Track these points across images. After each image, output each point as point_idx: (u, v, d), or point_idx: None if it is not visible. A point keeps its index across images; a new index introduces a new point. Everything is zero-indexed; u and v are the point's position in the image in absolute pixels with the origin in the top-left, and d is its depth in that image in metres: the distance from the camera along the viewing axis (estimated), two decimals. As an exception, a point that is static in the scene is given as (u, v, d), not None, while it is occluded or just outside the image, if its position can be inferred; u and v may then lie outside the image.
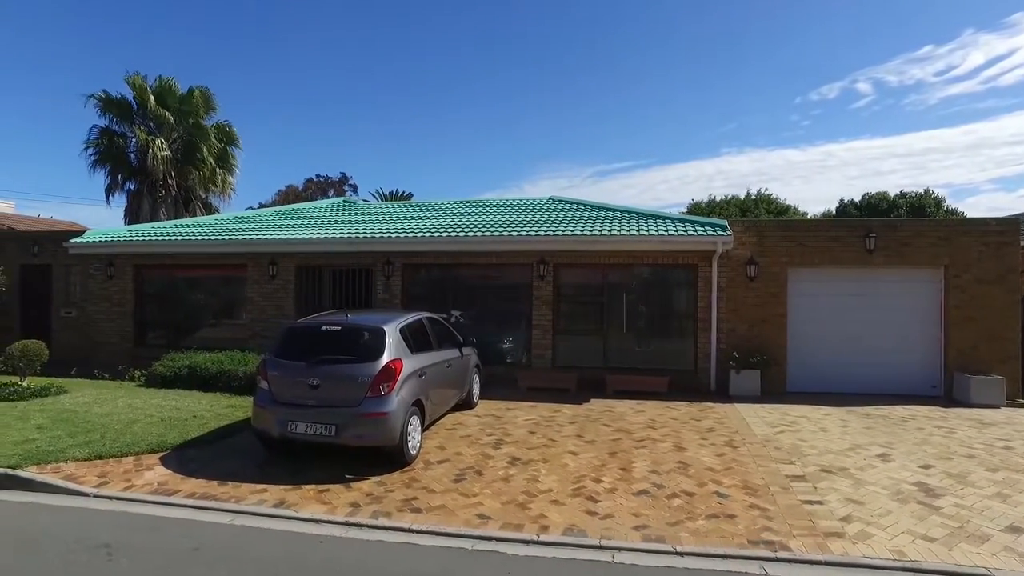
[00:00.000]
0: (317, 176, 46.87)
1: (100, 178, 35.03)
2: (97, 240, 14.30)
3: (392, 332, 7.40)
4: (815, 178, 77.56)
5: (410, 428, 7.20)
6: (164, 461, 7.29)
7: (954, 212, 36.42)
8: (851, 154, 78.14)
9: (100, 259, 14.72)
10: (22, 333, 15.39)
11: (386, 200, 40.48)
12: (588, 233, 11.88)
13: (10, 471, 6.76)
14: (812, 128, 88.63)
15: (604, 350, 12.45)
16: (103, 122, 22.30)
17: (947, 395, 11.33)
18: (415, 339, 7.91)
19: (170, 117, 22.25)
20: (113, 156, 22.18)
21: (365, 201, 18.13)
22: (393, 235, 12.59)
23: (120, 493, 6.37)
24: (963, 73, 79.60)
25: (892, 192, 38.86)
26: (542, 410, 10.25)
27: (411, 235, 12.53)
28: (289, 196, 43.88)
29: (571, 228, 12.34)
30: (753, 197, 41.17)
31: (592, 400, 11.10)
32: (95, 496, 6.35)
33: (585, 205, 14.99)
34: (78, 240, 14.43)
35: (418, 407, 7.48)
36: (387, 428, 6.85)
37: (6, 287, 14.97)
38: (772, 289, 11.93)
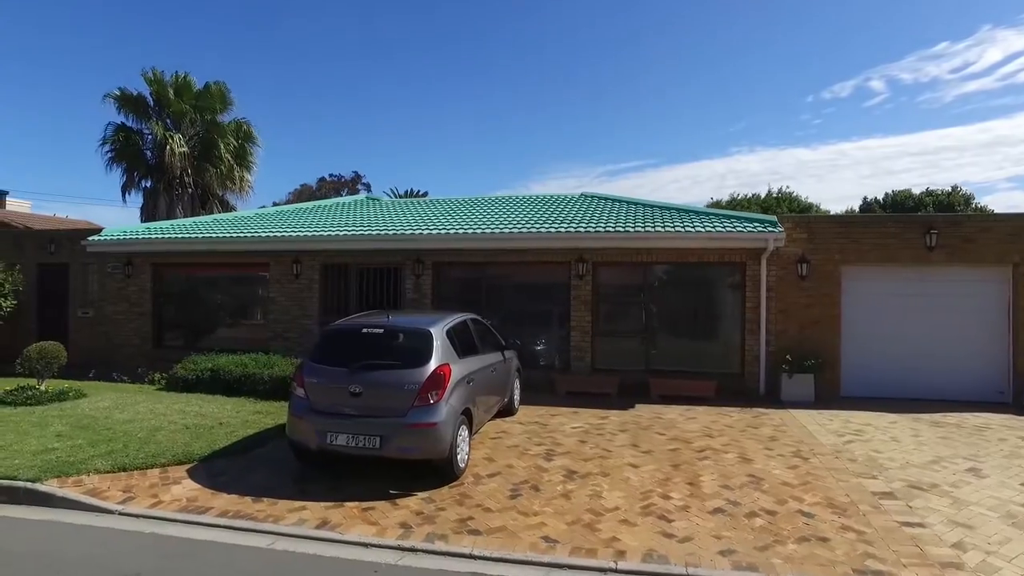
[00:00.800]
0: (330, 176, 46.49)
1: (115, 178, 34.83)
2: (115, 238, 13.84)
3: (439, 335, 6.82)
4: (827, 177, 76.52)
5: (459, 439, 6.63)
6: (192, 474, 6.75)
7: (982, 209, 35.48)
8: (863, 153, 76.95)
9: (118, 258, 14.26)
10: (39, 334, 14.97)
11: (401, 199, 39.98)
12: (631, 229, 11.25)
13: (29, 485, 6.25)
14: (824, 127, 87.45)
15: (645, 353, 11.83)
16: (120, 119, 21.97)
17: (1016, 402, 10.61)
18: (461, 342, 7.33)
19: (187, 113, 21.84)
20: (129, 153, 21.80)
21: (388, 198, 17.50)
22: (424, 232, 12.02)
23: (147, 511, 5.83)
24: (980, 70, 78.16)
25: (917, 190, 38.05)
26: (587, 417, 9.65)
27: (443, 232, 11.95)
28: (303, 195, 43.51)
29: (610, 225, 11.73)
30: (775, 195, 40.40)
31: (637, 406, 10.49)
32: (120, 514, 5.82)
33: (619, 201, 14.37)
34: (96, 238, 13.97)
35: (466, 416, 6.91)
36: (436, 440, 6.28)
37: (23, 286, 14.53)
38: (824, 289, 11.26)
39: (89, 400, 10.13)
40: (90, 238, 13.99)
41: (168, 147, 20.75)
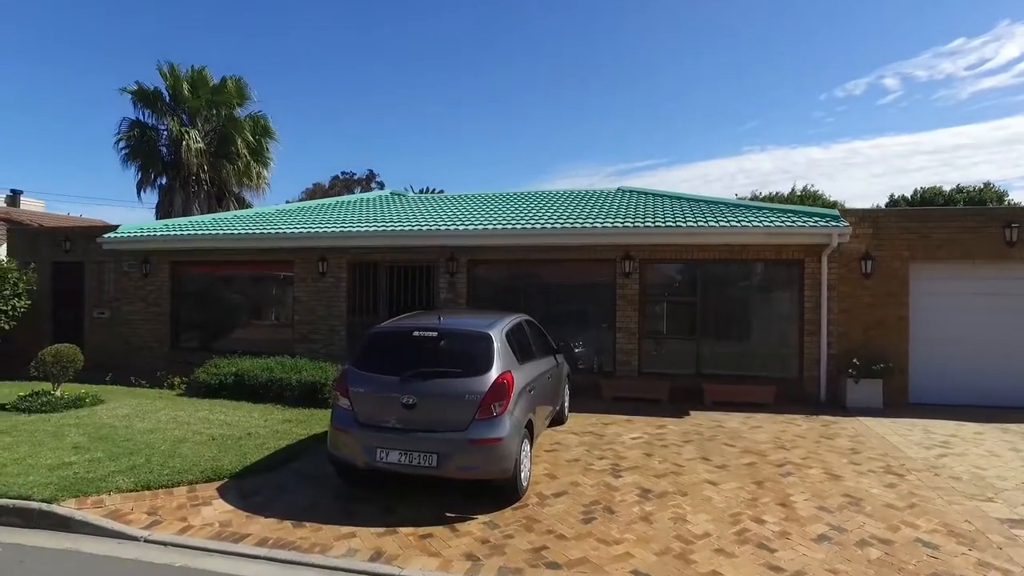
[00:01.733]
0: (343, 173, 45.90)
1: (129, 178, 34.35)
2: (132, 235, 13.22)
3: (499, 338, 6.11)
4: (838, 176, 75.25)
5: (522, 455, 5.92)
6: (223, 493, 6.06)
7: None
8: (876, 151, 75.53)
9: (135, 256, 13.66)
10: (54, 335, 14.39)
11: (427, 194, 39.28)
12: (683, 224, 10.49)
13: (45, 506, 5.58)
14: (836, 125, 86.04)
15: (696, 356, 11.06)
16: (135, 115, 21.40)
17: (1105, 409, 9.78)
18: (519, 346, 6.61)
19: (203, 108, 21.26)
20: (145, 150, 21.22)
21: (414, 193, 16.81)
22: (460, 227, 11.30)
23: (177, 538, 5.14)
24: (996, 66, 76.46)
25: (948, 187, 37.01)
26: (643, 425, 8.91)
27: (479, 227, 11.23)
28: (315, 194, 42.90)
29: (658, 220, 10.97)
30: (798, 194, 39.47)
31: (692, 413, 9.74)
32: (146, 541, 5.14)
33: (660, 195, 13.60)
34: (112, 235, 13.36)
35: (528, 429, 6.19)
36: (500, 457, 5.56)
37: (37, 286, 13.94)
38: (890, 287, 10.46)
39: (107, 407, 9.48)
40: (106, 235, 13.38)
41: (184, 143, 20.17)
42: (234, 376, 10.14)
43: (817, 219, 10.36)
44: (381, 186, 45.66)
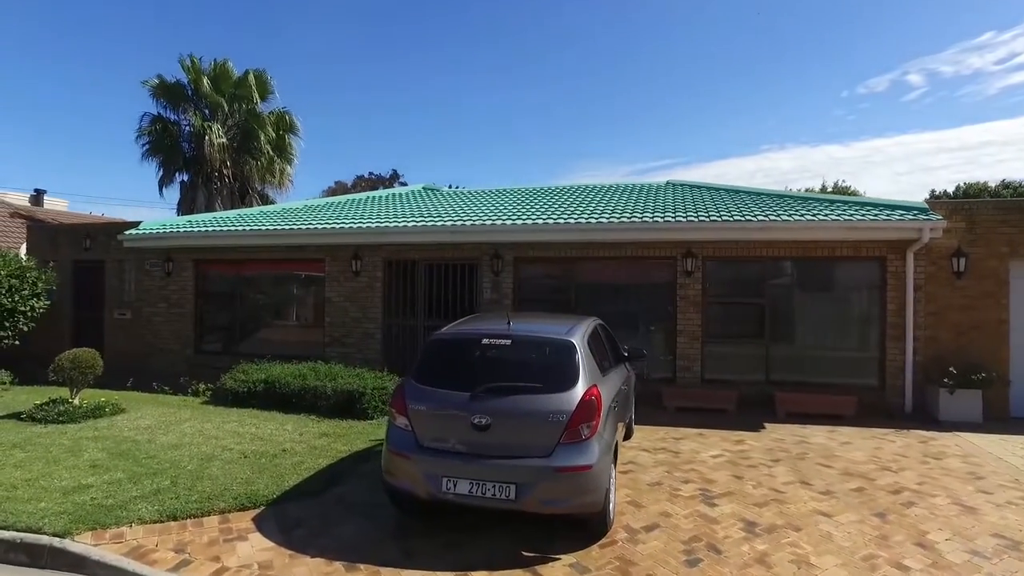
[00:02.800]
0: (370, 174, 45.25)
1: (150, 177, 33.92)
2: (154, 232, 12.52)
3: (582, 346, 5.21)
4: (860, 174, 73.45)
5: (611, 483, 5.03)
6: (260, 524, 5.22)
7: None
8: (899, 149, 73.52)
9: (157, 253, 12.96)
10: (73, 337, 13.77)
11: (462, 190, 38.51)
12: (752, 219, 9.53)
13: (58, 541, 4.78)
14: (858, 123, 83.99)
15: (764, 362, 10.08)
16: (157, 110, 20.79)
17: None
18: (598, 354, 5.72)
19: (224, 103, 20.60)
20: (166, 145, 20.60)
21: (447, 188, 15.98)
22: (507, 222, 10.42)
23: (210, 585, 4.32)
24: (1027, 60, 74.11)
25: (993, 182, 35.47)
26: (719, 441, 7.97)
27: (527, 222, 10.34)
28: (338, 193, 42.27)
29: (723, 214, 10.02)
30: (829, 189, 38.16)
31: (767, 426, 8.79)
32: (175, 587, 4.32)
33: (715, 189, 12.63)
34: (133, 232, 12.67)
35: (615, 452, 5.29)
36: (590, 488, 4.66)
37: (56, 285, 13.29)
38: (987, 287, 9.41)
39: (128, 417, 8.72)
40: (127, 232, 12.70)
41: (207, 137, 19.51)
42: (264, 384, 9.34)
43: (903, 212, 9.35)
44: (404, 186, 45.00)
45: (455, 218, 10.99)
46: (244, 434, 7.80)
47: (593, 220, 10.02)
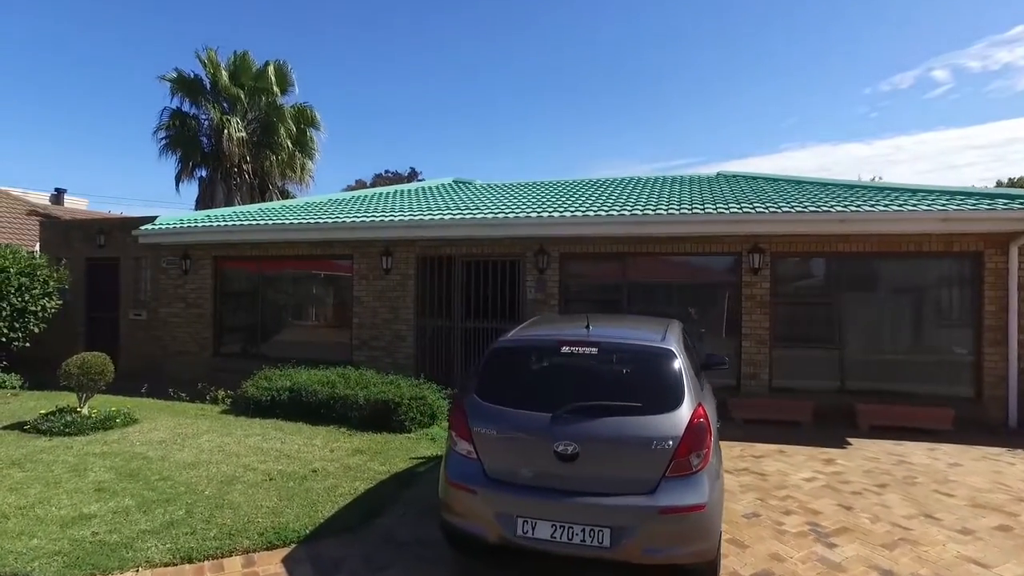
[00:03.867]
0: (386, 172, 44.62)
1: (170, 176, 33.36)
2: (171, 227, 11.74)
3: (682, 356, 4.27)
4: (883, 172, 71.67)
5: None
6: (292, 568, 4.33)
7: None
8: (923, 147, 71.65)
9: (174, 250, 12.20)
10: (87, 339, 13.08)
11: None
12: (833, 210, 8.52)
13: (46, 593, 3.92)
14: (880, 120, 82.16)
15: (840, 368, 9.06)
16: (175, 104, 20.14)
17: None
18: (694, 366, 4.77)
19: (243, 96, 19.87)
20: (185, 140, 19.93)
21: (480, 181, 15.08)
22: (555, 214, 9.49)
23: (234, 657, 3.43)
24: (1061, 55, 71.81)
25: (980, 184, 33.96)
26: (805, 460, 6.97)
27: (578, 214, 9.41)
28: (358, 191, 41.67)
29: (794, 204, 9.02)
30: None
31: (851, 441, 7.79)
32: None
33: (775, 179, 11.62)
34: (149, 228, 11.91)
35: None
36: (703, 533, 3.74)
37: (69, 284, 12.59)
38: (1100, 286, 8.33)
39: (141, 428, 7.91)
40: (142, 228, 11.94)
41: (226, 131, 18.79)
42: (289, 392, 8.49)
43: (1007, 201, 8.29)
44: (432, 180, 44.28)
45: (496, 210, 10.08)
46: (268, 450, 6.94)
47: (650, 211, 9.06)
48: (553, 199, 11.06)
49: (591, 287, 10.19)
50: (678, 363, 4.17)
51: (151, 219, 12.31)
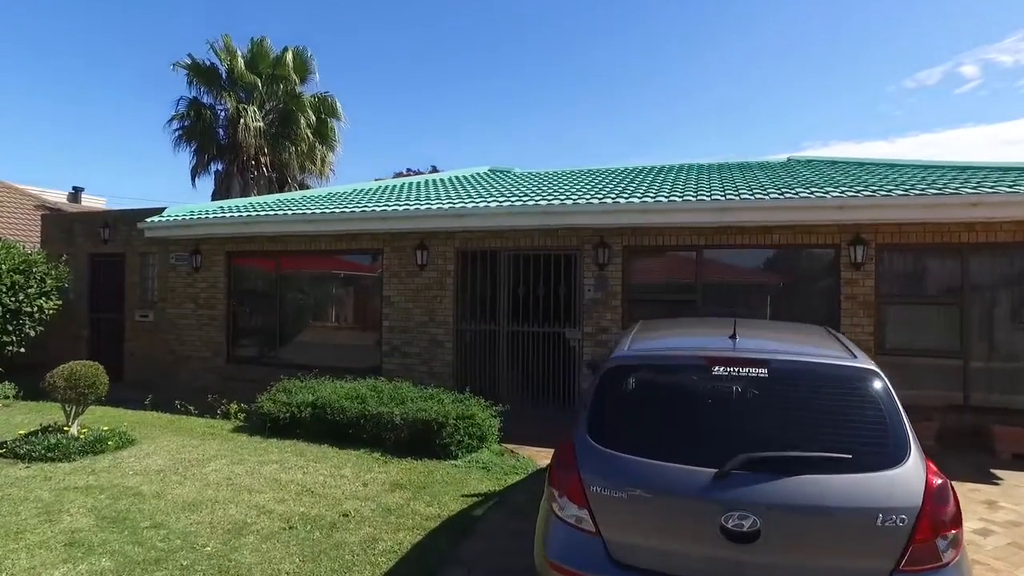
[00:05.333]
0: (408, 170, 43.43)
1: (184, 174, 32.49)
2: (180, 219, 10.55)
3: (889, 381, 2.93)
4: None
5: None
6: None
7: None
8: (950, 144, 69.11)
9: (184, 245, 11.02)
10: (90, 342, 11.96)
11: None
12: (963, 192, 7.07)
13: None
14: (905, 119, 79.74)
15: (962, 381, 7.59)
16: (191, 93, 19.07)
17: None
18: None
19: (260, 85, 18.76)
20: (200, 131, 18.85)
21: (518, 169, 13.76)
22: (620, 200, 8.11)
23: None
24: (1099, 46, 69.01)
25: None
26: (966, 502, 5.52)
27: (649, 200, 8.01)
28: (377, 190, 40.57)
29: (906, 187, 7.59)
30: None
31: (998, 474, 6.33)
32: None
33: (862, 163, 10.17)
34: (156, 220, 10.73)
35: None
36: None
37: (70, 282, 11.48)
38: None
39: (137, 452, 6.67)
40: (148, 220, 10.76)
41: (242, 121, 17.66)
42: (311, 408, 7.22)
43: None
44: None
45: (550, 197, 8.73)
46: (288, 484, 5.65)
47: (732, 196, 7.67)
48: (608, 186, 9.69)
49: (658, 286, 8.82)
50: (889, 392, 2.82)
51: (159, 211, 11.14)
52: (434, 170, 44.84)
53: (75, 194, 24.32)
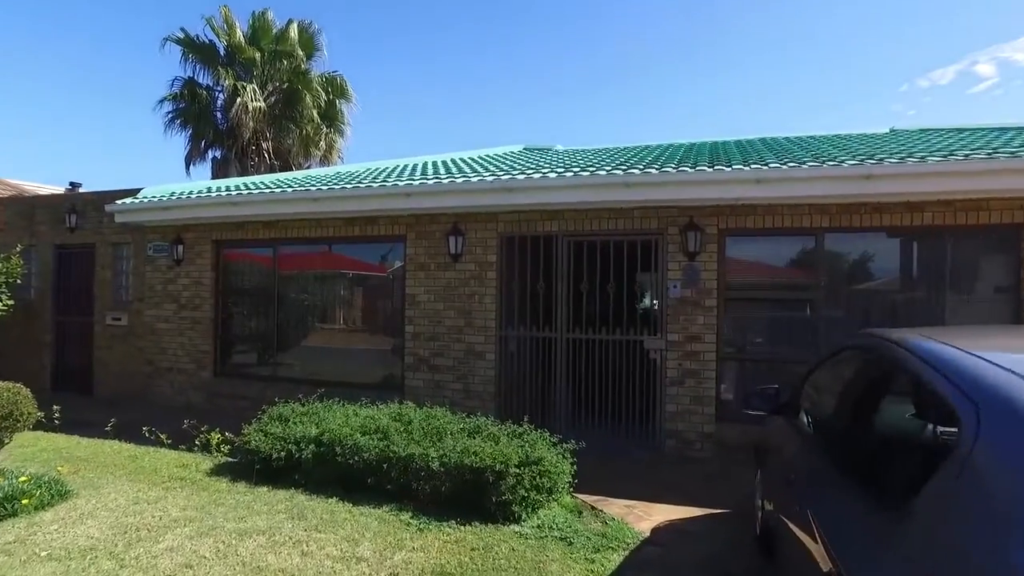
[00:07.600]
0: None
1: (178, 160, 30.63)
2: (158, 200, 8.68)
3: None
4: None
5: None
6: None
7: None
8: None
9: (163, 232, 9.15)
10: (55, 349, 10.13)
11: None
12: None
13: None
14: (918, 118, 77.49)
15: None
16: (186, 73, 17.26)
17: None
18: None
19: (261, 61, 16.92)
20: (195, 113, 17.05)
21: (561, 147, 11.80)
22: (724, 168, 6.16)
23: None
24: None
25: None
26: None
27: (764, 166, 6.07)
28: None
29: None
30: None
31: None
32: None
33: (981, 130, 8.20)
34: (128, 202, 8.88)
35: None
36: None
37: (34, 279, 9.67)
38: None
39: (65, 514, 4.71)
40: (120, 202, 8.90)
41: (239, 100, 15.81)
42: (315, 445, 5.29)
43: None
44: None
45: (622, 166, 6.78)
46: (276, 573, 3.72)
47: (875, 161, 5.70)
48: (682, 160, 7.71)
49: (762, 284, 6.88)
50: None
51: (134, 192, 9.26)
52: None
53: (72, 189, 22.70)
